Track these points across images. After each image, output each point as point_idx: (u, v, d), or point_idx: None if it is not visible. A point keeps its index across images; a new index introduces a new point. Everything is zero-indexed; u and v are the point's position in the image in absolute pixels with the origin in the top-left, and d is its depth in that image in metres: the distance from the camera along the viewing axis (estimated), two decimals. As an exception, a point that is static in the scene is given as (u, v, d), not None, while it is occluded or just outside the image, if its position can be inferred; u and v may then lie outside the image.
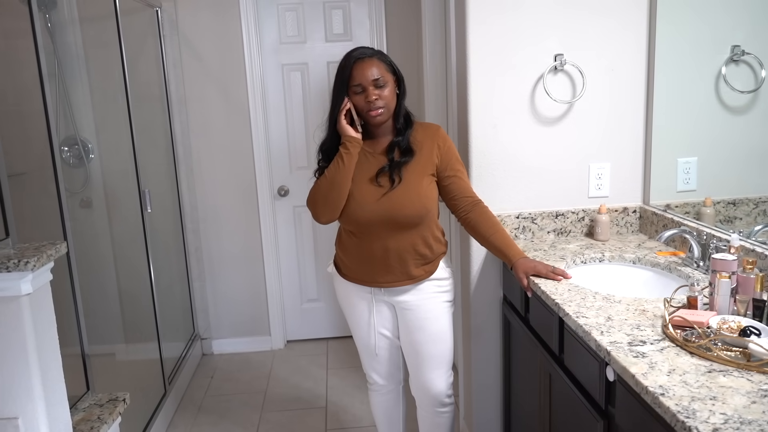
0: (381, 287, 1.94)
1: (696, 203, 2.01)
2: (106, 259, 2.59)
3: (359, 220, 1.85)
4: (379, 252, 1.87)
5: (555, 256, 2.02)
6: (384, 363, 2.09)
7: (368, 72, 1.77)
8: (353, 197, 1.84)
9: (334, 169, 1.82)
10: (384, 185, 1.83)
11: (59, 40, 2.36)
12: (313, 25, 3.40)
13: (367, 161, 1.87)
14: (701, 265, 1.81)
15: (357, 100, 1.80)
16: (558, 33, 2.14)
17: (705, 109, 1.96)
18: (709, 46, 1.94)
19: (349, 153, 1.81)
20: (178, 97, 3.34)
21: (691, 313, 1.40)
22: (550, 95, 2.15)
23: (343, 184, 1.82)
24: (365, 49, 1.82)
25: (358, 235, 1.89)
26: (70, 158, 2.42)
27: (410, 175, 1.84)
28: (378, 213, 1.82)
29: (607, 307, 1.56)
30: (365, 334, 2.04)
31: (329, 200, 1.83)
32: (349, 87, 1.79)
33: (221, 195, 3.48)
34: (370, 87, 1.78)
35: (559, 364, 1.68)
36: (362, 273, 1.93)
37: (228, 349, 3.66)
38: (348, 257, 1.96)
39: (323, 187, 1.84)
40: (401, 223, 1.83)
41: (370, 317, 2.00)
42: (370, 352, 2.07)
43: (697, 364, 1.22)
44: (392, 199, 1.81)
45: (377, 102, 1.78)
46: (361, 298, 1.99)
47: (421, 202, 1.83)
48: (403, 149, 1.86)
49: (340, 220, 1.90)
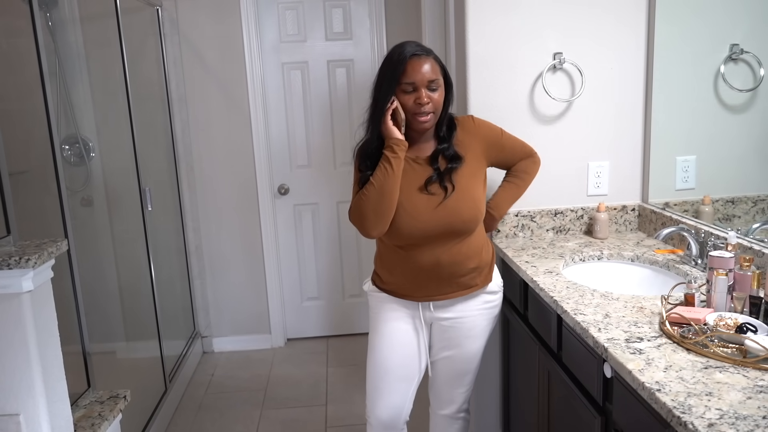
0: (431, 301, 1.81)
1: (695, 201, 2.02)
2: (107, 257, 2.60)
3: (413, 233, 1.70)
4: (429, 265, 1.74)
5: (554, 254, 2.03)
6: (400, 393, 1.87)
7: (424, 71, 1.63)
8: (403, 209, 1.69)
9: (382, 176, 1.66)
10: (437, 193, 1.71)
11: (60, 39, 2.36)
12: (313, 24, 3.41)
13: (412, 169, 1.73)
14: (699, 263, 1.82)
15: (405, 99, 1.66)
16: (557, 31, 2.14)
17: (704, 107, 1.97)
18: (708, 45, 1.95)
19: (397, 157, 1.66)
20: (178, 95, 3.35)
21: (689, 310, 1.40)
22: (549, 94, 2.15)
23: (394, 192, 1.67)
24: (420, 46, 1.67)
25: (406, 249, 1.75)
26: (71, 156, 2.43)
27: (462, 180, 1.73)
28: (434, 223, 1.69)
29: (605, 304, 1.57)
30: (400, 356, 1.84)
31: (380, 211, 1.67)
32: (400, 84, 1.64)
33: (222, 193, 3.49)
34: (423, 88, 1.64)
35: (558, 362, 1.69)
36: (411, 288, 1.79)
37: (228, 347, 3.67)
38: (394, 274, 1.81)
39: (371, 197, 1.67)
40: (458, 232, 1.72)
41: (417, 337, 1.85)
42: (393, 377, 1.85)
43: (694, 361, 1.23)
44: (449, 207, 1.70)
45: (427, 106, 1.65)
46: (406, 317, 1.84)
47: (477, 207, 1.74)
48: (449, 157, 1.74)
49: (386, 235, 1.74)
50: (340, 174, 3.55)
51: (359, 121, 1.78)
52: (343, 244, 3.67)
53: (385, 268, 1.83)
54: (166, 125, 3.29)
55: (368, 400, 1.91)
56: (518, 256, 2.03)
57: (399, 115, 1.68)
